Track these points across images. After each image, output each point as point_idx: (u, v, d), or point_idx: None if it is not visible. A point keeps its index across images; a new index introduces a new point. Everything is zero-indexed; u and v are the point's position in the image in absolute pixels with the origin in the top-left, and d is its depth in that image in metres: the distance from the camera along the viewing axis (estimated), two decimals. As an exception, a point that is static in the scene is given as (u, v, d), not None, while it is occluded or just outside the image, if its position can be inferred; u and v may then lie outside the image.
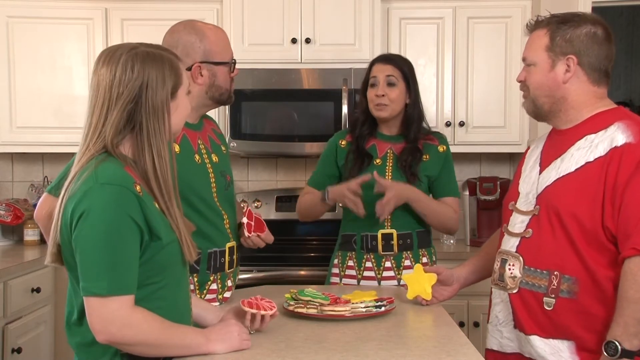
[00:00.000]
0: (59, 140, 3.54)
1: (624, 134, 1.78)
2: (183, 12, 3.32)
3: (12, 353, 2.92)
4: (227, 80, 2.17)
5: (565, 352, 1.81)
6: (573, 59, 1.85)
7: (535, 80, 1.90)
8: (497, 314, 1.96)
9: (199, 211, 2.06)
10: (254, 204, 3.77)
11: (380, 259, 2.53)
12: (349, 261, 2.59)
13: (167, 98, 1.57)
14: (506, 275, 1.91)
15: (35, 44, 3.59)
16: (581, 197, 1.79)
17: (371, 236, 2.52)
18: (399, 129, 2.58)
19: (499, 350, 1.97)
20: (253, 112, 3.54)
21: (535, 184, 1.91)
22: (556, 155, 1.89)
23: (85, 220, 1.46)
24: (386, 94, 2.51)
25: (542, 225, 1.85)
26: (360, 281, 2.55)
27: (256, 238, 2.20)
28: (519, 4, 3.57)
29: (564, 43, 1.85)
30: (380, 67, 2.56)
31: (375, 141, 2.58)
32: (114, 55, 1.56)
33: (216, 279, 2.13)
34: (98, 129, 1.55)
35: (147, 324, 1.50)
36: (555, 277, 1.81)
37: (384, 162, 2.55)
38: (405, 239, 2.52)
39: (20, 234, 3.73)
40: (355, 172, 2.52)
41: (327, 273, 2.68)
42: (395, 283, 2.52)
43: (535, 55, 1.90)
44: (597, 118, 1.86)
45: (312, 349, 1.65)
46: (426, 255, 2.58)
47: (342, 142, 2.64)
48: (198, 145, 2.14)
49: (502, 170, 3.93)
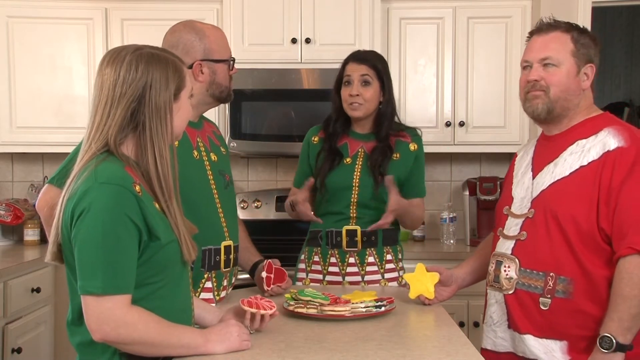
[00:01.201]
0: (59, 140, 3.53)
1: (615, 138, 1.86)
2: (183, 12, 3.33)
3: (12, 353, 2.92)
4: (226, 78, 2.21)
5: (558, 352, 1.87)
6: (593, 68, 1.94)
7: (561, 81, 1.92)
8: (491, 315, 2.01)
9: (194, 207, 2.07)
10: (253, 204, 3.77)
11: (344, 255, 2.53)
12: (314, 257, 2.60)
13: (170, 99, 1.58)
14: (502, 277, 1.96)
15: (35, 44, 3.59)
16: (577, 200, 1.85)
17: (336, 232, 2.53)
18: (372, 126, 2.58)
19: (493, 350, 2.02)
20: (253, 112, 3.54)
21: (530, 189, 1.96)
22: (548, 160, 1.95)
23: (84, 219, 1.47)
24: (360, 94, 2.50)
25: (538, 228, 1.91)
26: (326, 276, 2.56)
27: (277, 288, 2.26)
28: (519, 4, 3.58)
29: (585, 51, 1.94)
30: (354, 67, 2.54)
31: (348, 139, 2.58)
32: (118, 56, 1.57)
33: (211, 277, 2.13)
34: (100, 127, 1.55)
35: (143, 323, 1.50)
36: (551, 278, 1.86)
37: (354, 161, 2.54)
38: (370, 236, 2.52)
39: (20, 234, 3.73)
40: (325, 170, 2.53)
41: (295, 270, 2.67)
42: (359, 279, 2.53)
43: (562, 57, 1.92)
44: (587, 124, 1.93)
45: (312, 349, 1.65)
46: (391, 252, 2.57)
47: (315, 138, 2.64)
48: (197, 142, 2.17)
49: (502, 170, 3.91)
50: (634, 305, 1.76)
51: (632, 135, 1.87)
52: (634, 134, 1.88)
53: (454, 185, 3.97)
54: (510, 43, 3.58)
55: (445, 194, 3.96)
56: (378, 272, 2.54)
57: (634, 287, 1.76)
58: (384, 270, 2.55)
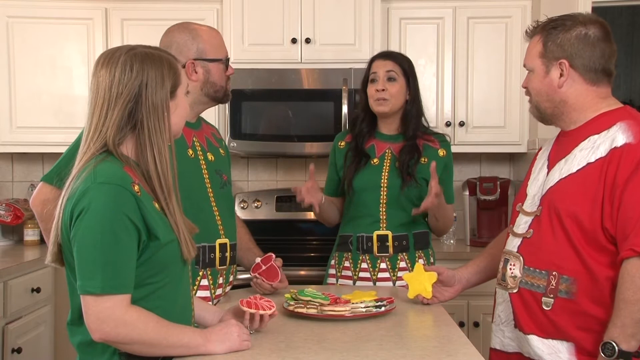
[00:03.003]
0: (59, 140, 3.52)
1: (625, 134, 1.79)
2: (183, 12, 3.33)
3: (12, 353, 2.92)
4: (222, 78, 2.21)
5: (565, 353, 1.81)
6: (565, 63, 1.87)
7: (534, 86, 1.94)
8: (499, 314, 1.98)
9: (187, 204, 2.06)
10: (253, 204, 3.77)
11: (375, 260, 2.53)
12: (345, 262, 2.59)
13: (167, 97, 1.58)
14: (507, 275, 1.93)
15: (35, 44, 3.59)
16: (581, 198, 1.80)
17: (367, 237, 2.52)
18: (399, 126, 2.58)
19: (502, 350, 1.98)
20: (253, 112, 3.54)
21: (542, 186, 1.92)
22: (561, 156, 1.90)
23: (83, 219, 1.47)
24: (386, 89, 2.50)
25: (543, 226, 1.86)
26: (356, 282, 2.55)
27: (262, 282, 2.22)
28: (519, 4, 3.57)
29: (555, 48, 1.88)
30: (380, 63, 2.55)
31: (375, 141, 2.58)
32: (112, 57, 1.57)
33: (206, 275, 2.14)
34: (98, 128, 1.55)
35: (142, 323, 1.50)
36: (554, 277, 1.82)
37: (381, 162, 2.54)
38: (401, 240, 2.51)
39: (20, 234, 3.73)
40: (352, 171, 2.52)
41: (325, 273, 2.69)
42: (390, 284, 2.52)
43: (532, 62, 1.94)
44: (602, 118, 1.86)
45: (312, 349, 1.65)
46: (423, 256, 2.57)
47: (341, 143, 2.65)
48: (193, 141, 2.17)
49: (502, 170, 3.93)
50: (636, 310, 1.68)
51: None
52: None
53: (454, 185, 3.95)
54: (510, 43, 3.57)
55: (445, 194, 3.95)
56: None
57: (637, 290, 1.68)
58: None
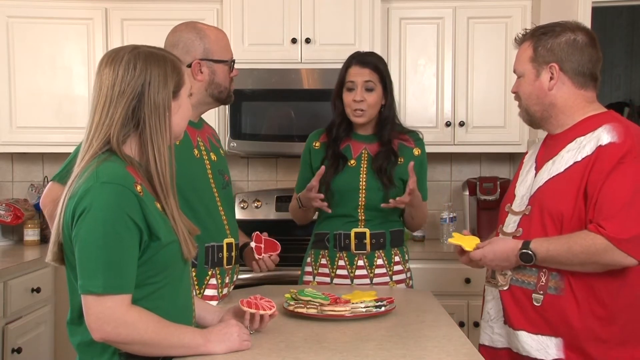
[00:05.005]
0: (59, 140, 3.53)
1: (610, 134, 1.86)
2: (183, 12, 3.33)
3: (12, 353, 2.92)
4: (226, 79, 2.21)
5: (553, 348, 1.88)
6: (555, 67, 1.94)
7: (524, 90, 2.01)
8: (488, 311, 2.05)
9: (197, 204, 2.08)
10: (253, 204, 3.77)
11: (353, 258, 2.53)
12: (321, 259, 2.59)
13: (169, 97, 1.59)
14: (497, 273, 2.00)
15: (35, 44, 3.59)
16: (566, 195, 1.87)
17: (344, 235, 2.52)
18: (374, 128, 2.58)
19: (491, 346, 2.05)
20: (253, 112, 3.54)
21: (530, 187, 1.99)
22: (549, 158, 1.98)
23: (85, 219, 1.47)
24: (365, 99, 2.49)
25: (533, 224, 1.93)
26: (333, 279, 2.55)
27: (268, 260, 2.22)
28: (519, 4, 3.57)
29: (545, 52, 1.95)
30: (357, 71, 2.51)
31: (350, 142, 2.58)
32: (116, 56, 1.58)
33: (215, 274, 2.14)
34: (100, 125, 1.56)
35: (142, 323, 1.50)
36: (544, 274, 1.90)
37: (358, 163, 2.54)
38: (379, 238, 2.52)
39: (20, 234, 3.73)
40: (330, 175, 2.51)
41: (300, 272, 2.67)
42: (367, 282, 2.52)
43: (522, 67, 2.01)
44: (588, 121, 1.94)
45: (312, 349, 1.65)
46: (398, 254, 2.57)
47: (316, 143, 2.63)
48: (197, 141, 2.18)
49: (502, 170, 3.93)
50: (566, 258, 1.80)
51: (627, 131, 1.86)
52: (629, 130, 1.87)
53: (454, 185, 3.97)
54: (510, 43, 3.55)
55: (445, 194, 3.96)
56: (386, 274, 2.53)
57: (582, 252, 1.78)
58: (392, 272, 2.54)
